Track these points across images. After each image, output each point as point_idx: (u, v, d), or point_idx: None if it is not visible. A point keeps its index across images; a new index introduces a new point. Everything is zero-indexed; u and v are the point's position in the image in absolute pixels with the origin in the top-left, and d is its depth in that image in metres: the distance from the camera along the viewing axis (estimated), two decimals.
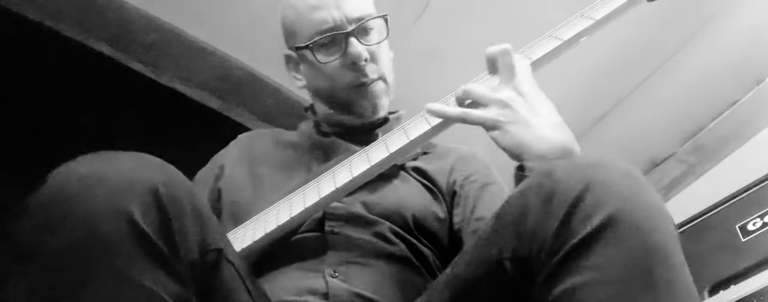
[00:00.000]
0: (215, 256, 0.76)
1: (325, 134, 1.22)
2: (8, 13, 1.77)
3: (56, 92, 1.99)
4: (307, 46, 1.15)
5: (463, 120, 0.94)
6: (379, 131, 1.22)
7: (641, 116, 2.09)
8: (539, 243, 0.72)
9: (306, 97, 1.31)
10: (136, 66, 1.92)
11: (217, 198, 1.17)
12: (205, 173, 1.23)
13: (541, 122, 0.90)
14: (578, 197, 0.71)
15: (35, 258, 0.67)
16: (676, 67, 2.01)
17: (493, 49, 0.96)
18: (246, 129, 2.00)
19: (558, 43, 1.00)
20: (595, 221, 0.70)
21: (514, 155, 0.91)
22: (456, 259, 0.88)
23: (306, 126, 1.28)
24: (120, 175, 0.70)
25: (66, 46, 1.84)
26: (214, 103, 2.04)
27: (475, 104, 0.94)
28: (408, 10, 1.88)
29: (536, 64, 0.99)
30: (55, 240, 0.66)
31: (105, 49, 1.88)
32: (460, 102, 0.97)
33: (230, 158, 1.23)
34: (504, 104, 0.91)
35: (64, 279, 0.66)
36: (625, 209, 0.70)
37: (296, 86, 1.27)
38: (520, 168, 0.90)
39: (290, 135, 1.29)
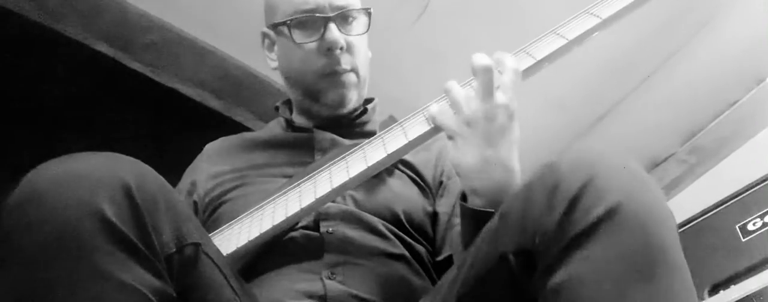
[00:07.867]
0: (193, 250, 0.77)
1: (301, 130, 1.21)
2: (8, 12, 1.77)
3: (56, 92, 1.99)
4: (284, 23, 1.14)
5: (433, 119, 0.94)
6: (359, 122, 1.21)
7: (641, 116, 2.09)
8: (542, 234, 0.73)
9: None
10: (136, 66, 1.92)
11: (194, 211, 1.15)
12: (179, 188, 1.21)
13: (492, 157, 0.88)
14: (581, 190, 0.72)
15: (11, 259, 0.67)
16: (676, 68, 2.01)
17: (476, 62, 0.90)
18: (246, 129, 2.00)
19: (564, 42, 0.95)
20: (597, 212, 0.70)
21: (455, 171, 0.92)
22: (462, 257, 0.88)
23: (276, 124, 1.26)
24: (91, 173, 0.70)
25: (66, 46, 1.84)
26: (214, 103, 2.04)
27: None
28: (408, 10, 1.88)
29: (537, 66, 0.95)
30: (29, 239, 0.67)
31: (105, 49, 1.88)
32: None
33: (200, 171, 1.20)
34: (467, 121, 0.89)
35: (40, 279, 0.66)
36: (627, 202, 0.71)
37: (269, 67, 1.25)
38: (464, 198, 0.92)
39: (259, 135, 1.27)
